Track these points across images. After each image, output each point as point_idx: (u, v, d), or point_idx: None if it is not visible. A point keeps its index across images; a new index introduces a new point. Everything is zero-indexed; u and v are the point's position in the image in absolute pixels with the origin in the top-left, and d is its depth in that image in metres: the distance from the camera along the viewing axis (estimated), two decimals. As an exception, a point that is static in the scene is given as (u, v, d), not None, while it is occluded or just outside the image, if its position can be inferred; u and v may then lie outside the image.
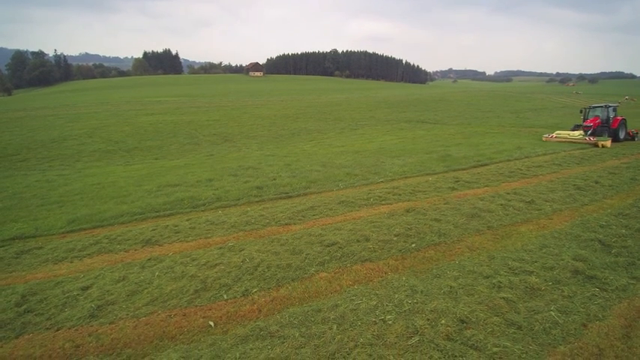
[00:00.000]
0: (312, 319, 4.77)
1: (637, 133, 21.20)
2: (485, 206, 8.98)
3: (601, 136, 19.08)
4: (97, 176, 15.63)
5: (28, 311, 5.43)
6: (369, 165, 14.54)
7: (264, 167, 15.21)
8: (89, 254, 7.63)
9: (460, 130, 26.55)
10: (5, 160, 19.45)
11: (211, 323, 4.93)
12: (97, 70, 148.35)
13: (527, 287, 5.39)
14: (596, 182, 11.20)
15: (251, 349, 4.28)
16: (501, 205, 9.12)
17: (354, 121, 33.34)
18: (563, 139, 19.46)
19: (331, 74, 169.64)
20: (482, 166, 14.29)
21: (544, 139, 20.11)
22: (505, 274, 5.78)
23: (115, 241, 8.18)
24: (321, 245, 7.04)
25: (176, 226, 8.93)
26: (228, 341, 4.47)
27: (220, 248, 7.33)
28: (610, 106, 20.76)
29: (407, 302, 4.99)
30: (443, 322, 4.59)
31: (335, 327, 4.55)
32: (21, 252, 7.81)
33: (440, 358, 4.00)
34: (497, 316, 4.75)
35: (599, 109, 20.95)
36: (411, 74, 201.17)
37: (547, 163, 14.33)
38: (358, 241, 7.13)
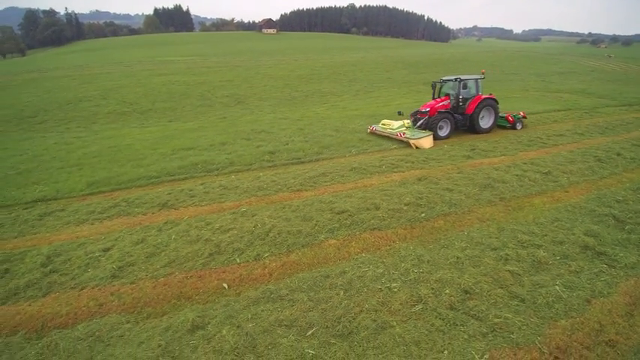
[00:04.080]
0: (321, 284, 4.97)
1: (522, 119, 14.69)
2: (500, 176, 8.85)
3: (433, 129, 12.92)
4: (114, 139, 15.91)
5: (53, 271, 5.81)
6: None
7: (277, 131, 15.15)
8: (109, 217, 7.97)
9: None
10: (24, 122, 19.89)
11: (225, 285, 5.21)
12: (109, 28, 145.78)
13: (534, 261, 5.42)
14: (618, 154, 10.79)
15: (262, 310, 4.54)
16: (516, 175, 8.95)
17: (370, 83, 32.38)
18: (382, 133, 13.67)
19: (347, 31, 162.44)
20: (499, 133, 13.89)
21: (368, 131, 14.35)
22: (513, 246, 5.81)
23: (132, 204, 8.49)
24: (331, 212, 7.15)
25: (191, 190, 9.16)
26: (240, 303, 4.74)
27: (233, 213, 7.54)
28: (464, 80, 13.66)
29: (413, 271, 5.13)
30: (447, 291, 4.72)
31: (342, 293, 4.75)
32: (44, 214, 8.21)
33: (441, 326, 4.17)
34: (502, 288, 4.84)
35: (451, 83, 14.23)
36: (433, 32, 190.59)
37: (569, 132, 13.79)
38: (368, 209, 7.21)
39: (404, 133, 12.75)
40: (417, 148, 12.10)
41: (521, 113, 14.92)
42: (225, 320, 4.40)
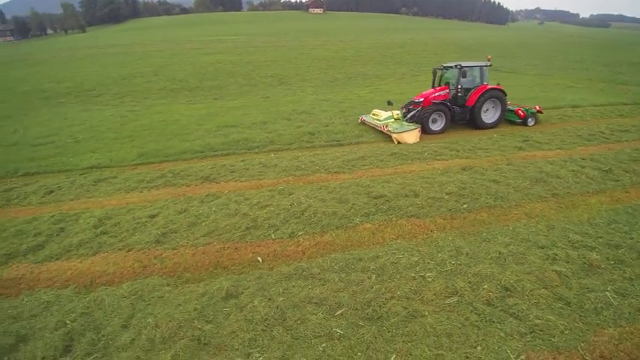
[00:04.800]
0: (353, 266, 4.95)
1: (536, 114, 12.88)
2: (554, 171, 8.21)
3: (424, 122, 11.58)
4: (163, 114, 16.67)
5: (103, 233, 6.27)
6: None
7: (317, 112, 15.08)
8: (156, 186, 8.43)
9: (539, 81, 23.63)
10: (83, 95, 21.35)
11: (259, 259, 5.34)
12: (162, 7, 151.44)
13: (585, 263, 5.01)
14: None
15: (293, 286, 4.61)
16: (573, 171, 8.25)
17: (418, 66, 31.04)
18: (371, 124, 12.53)
19: (397, 11, 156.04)
20: (557, 124, 12.84)
21: (359, 121, 13.27)
22: (563, 246, 5.40)
23: (178, 175, 8.90)
24: (368, 196, 7.05)
25: (232, 165, 9.42)
26: (273, 277, 4.85)
27: (271, 190, 7.67)
28: (465, 67, 11.94)
29: (450, 262, 4.94)
30: (485, 286, 4.51)
31: (374, 277, 4.69)
32: (98, 180, 8.84)
33: (476, 321, 4.00)
34: (546, 288, 4.54)
35: (451, 70, 12.55)
36: (490, 13, 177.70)
37: (634, 127, 12.43)
38: (407, 195, 7.01)
39: (386, 126, 11.54)
40: (398, 143, 10.90)
41: (537, 107, 12.98)
42: (257, 292, 4.53)
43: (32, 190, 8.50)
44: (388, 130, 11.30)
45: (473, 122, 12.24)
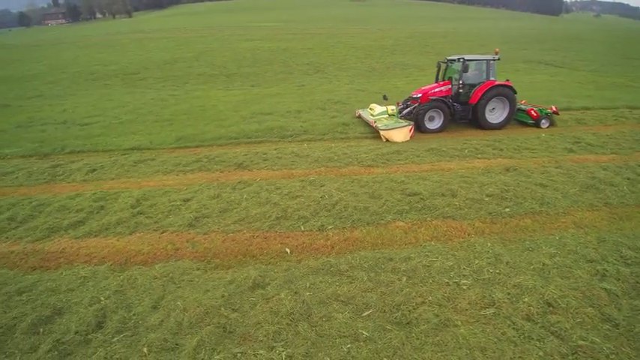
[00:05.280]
0: (383, 266, 4.77)
1: (550, 115, 11.57)
2: (608, 178, 7.51)
3: (419, 119, 10.89)
4: (201, 99, 17.03)
5: (140, 213, 6.47)
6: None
7: (353, 103, 14.78)
8: (191, 170, 8.60)
9: (593, 78, 21.81)
10: (127, 78, 22.25)
11: (287, 250, 5.29)
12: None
13: (637, 282, 4.52)
14: None
15: (320, 281, 4.52)
16: (628, 179, 7.51)
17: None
18: (364, 119, 11.91)
19: None
20: (612, 126, 11.78)
21: (356, 115, 12.75)
22: (614, 261, 4.91)
23: (212, 161, 9.04)
24: (401, 193, 6.79)
25: (265, 153, 9.43)
26: (300, 270, 4.78)
27: (302, 181, 7.59)
28: (468, 61, 10.94)
29: (488, 270, 4.64)
30: (526, 300, 4.19)
31: (405, 279, 4.50)
32: (138, 161, 9.15)
33: (514, 336, 3.72)
34: (593, 307, 4.14)
35: (455, 64, 11.53)
36: (542, 3, 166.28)
37: None
38: (443, 195, 6.68)
39: (376, 122, 10.87)
40: (386, 140, 10.25)
41: (553, 108, 11.59)
42: (284, 284, 4.48)
43: (77, 168, 8.95)
44: (376, 127, 10.63)
45: (476, 122, 11.21)
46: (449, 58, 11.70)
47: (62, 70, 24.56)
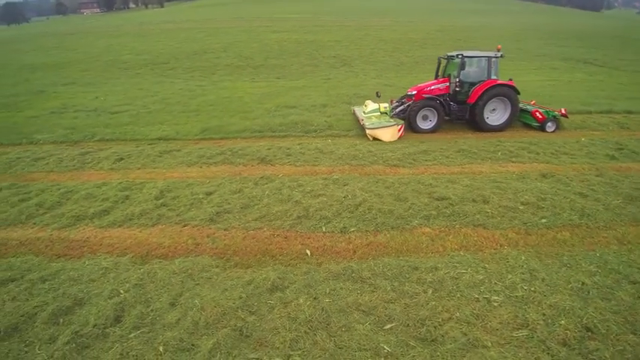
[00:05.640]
0: (407, 275, 4.53)
1: (558, 117, 10.72)
2: (658, 188, 6.90)
3: (411, 118, 10.48)
4: (228, 90, 17.07)
5: (163, 205, 6.48)
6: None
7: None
8: (215, 163, 8.58)
9: (636, 79, 20.35)
10: (158, 67, 22.61)
11: (308, 252, 5.13)
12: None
13: (692, 309, 4.08)
14: None
15: (341, 288, 4.33)
16: (682, 191, 6.88)
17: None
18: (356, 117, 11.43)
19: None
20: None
21: (352, 111, 12.22)
22: (664, 284, 4.46)
23: (236, 154, 8.98)
24: (429, 197, 6.47)
25: (288, 148, 9.29)
26: (320, 274, 4.61)
27: (325, 179, 7.39)
28: (467, 57, 10.33)
29: (522, 287, 4.31)
30: (562, 322, 3.85)
31: (430, 291, 4.24)
32: (163, 152, 9.22)
33: (551, 363, 3.42)
34: (635, 334, 3.75)
35: (455, 60, 10.84)
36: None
37: None
38: (474, 201, 6.32)
39: (363, 119, 10.45)
40: (373, 139, 9.85)
41: (562, 111, 10.65)
42: (303, 288, 4.32)
43: (105, 156, 9.12)
44: (363, 125, 10.23)
45: (473, 122, 10.60)
46: (449, 54, 11.06)
47: (96, 58, 25.28)
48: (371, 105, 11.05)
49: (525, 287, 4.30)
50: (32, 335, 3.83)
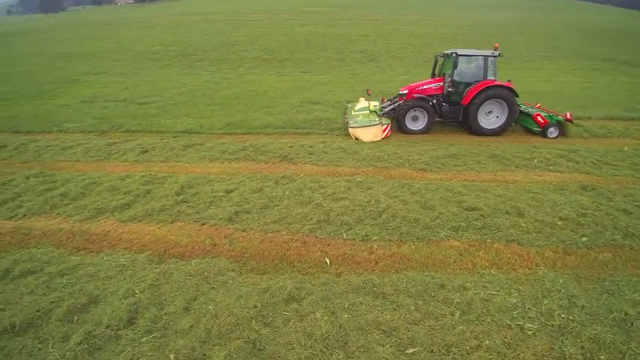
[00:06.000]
0: (433, 294, 4.23)
1: (561, 123, 10.02)
2: None
3: (399, 118, 10.12)
4: (253, 83, 17.00)
5: (183, 201, 6.41)
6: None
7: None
8: (237, 159, 8.48)
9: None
10: (186, 59, 22.83)
11: (327, 260, 4.91)
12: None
13: None
14: None
15: (361, 303, 4.09)
16: None
17: (529, 51, 26.96)
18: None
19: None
20: None
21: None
22: None
23: (258, 151, 8.85)
24: (458, 206, 6.10)
25: (311, 147, 9.07)
26: (339, 286, 4.38)
27: (348, 181, 7.13)
28: (461, 56, 9.79)
29: (559, 315, 3.93)
30: (602, 357, 3.47)
31: (458, 314, 3.93)
32: (187, 145, 9.21)
33: (595, 408, 3.06)
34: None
35: (448, 59, 10.25)
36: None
37: None
38: (507, 213, 5.90)
39: (347, 118, 10.13)
40: (356, 139, 9.50)
41: (567, 115, 9.93)
42: (320, 301, 4.11)
43: (130, 147, 9.20)
44: (347, 123, 9.91)
45: (467, 125, 10.06)
46: (445, 52, 10.39)
47: (127, 48, 25.85)
48: (361, 103, 10.71)
49: (563, 315, 3.92)
50: (46, 332, 3.81)
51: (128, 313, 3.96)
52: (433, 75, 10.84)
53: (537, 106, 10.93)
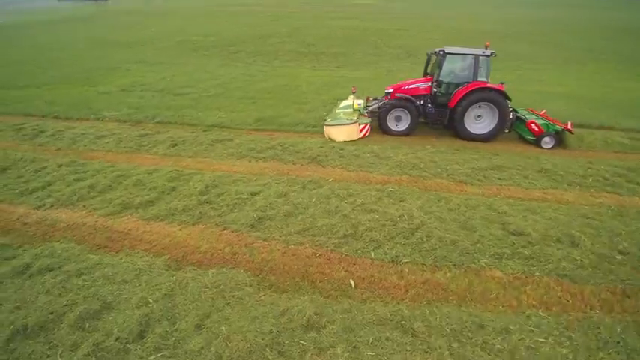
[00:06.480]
0: (470, 335, 3.72)
1: (559, 133, 9.07)
2: None
3: (381, 118, 9.61)
4: (287, 77, 16.69)
5: (206, 202, 6.21)
6: (592, 120, 10.52)
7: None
8: (264, 158, 8.20)
9: None
10: (224, 50, 22.88)
11: (352, 282, 4.51)
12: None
13: None
14: None
15: (387, 339, 3.66)
16: None
17: (589, 51, 24.85)
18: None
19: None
20: None
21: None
22: None
23: (286, 150, 8.53)
24: (502, 229, 5.47)
25: (342, 149, 8.63)
26: (364, 315, 3.97)
27: (379, 191, 6.65)
28: (449, 55, 9.12)
29: (624, 377, 3.31)
30: None
31: (500, 364, 3.41)
32: (216, 141, 9.05)
33: None
34: None
35: (434, 57, 9.65)
36: None
37: None
38: (559, 241, 5.21)
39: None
40: (329, 138, 9.15)
41: (567, 125, 9.00)
42: (342, 332, 3.72)
43: (161, 140, 9.17)
44: (324, 121, 9.58)
45: (453, 129, 9.40)
46: (437, 50, 9.53)
47: (168, 38, 26.34)
48: (346, 101, 10.33)
49: (628, 378, 3.30)
50: (57, 338, 3.69)
51: (139, 325, 3.77)
52: (425, 74, 10.21)
53: (542, 113, 9.98)
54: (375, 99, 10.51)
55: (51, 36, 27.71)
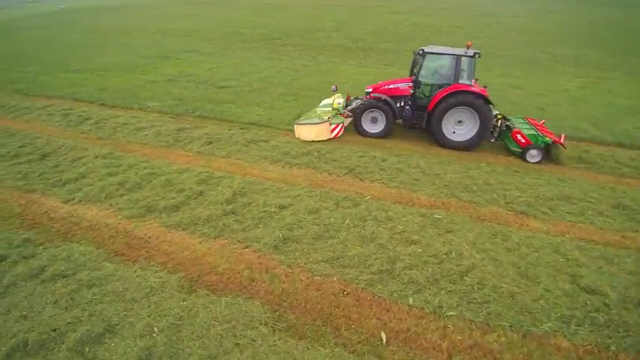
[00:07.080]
0: None
1: (550, 144, 7.92)
2: None
3: (356, 119, 9.13)
4: (331, 73, 16.02)
5: (231, 212, 5.77)
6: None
7: (504, 105, 11.72)
8: (298, 164, 7.65)
9: None
10: (271, 42, 22.60)
11: (383, 336, 3.82)
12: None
13: None
14: None
15: (421, 422, 2.96)
16: None
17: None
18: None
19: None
20: None
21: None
22: None
23: (322, 158, 7.91)
24: (572, 282, 4.49)
25: (383, 160, 7.86)
26: (395, 381, 3.29)
27: (423, 216, 5.85)
28: (428, 54, 8.43)
29: None
30: None
31: None
32: (251, 140, 8.65)
33: None
34: None
35: (417, 58, 8.80)
36: None
37: None
38: (647, 308, 4.17)
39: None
40: (298, 137, 8.91)
41: (559, 139, 7.95)
42: (366, 405, 3.07)
43: (197, 136, 8.93)
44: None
45: (432, 134, 8.73)
46: (422, 49, 8.68)
47: (217, 29, 26.59)
48: (326, 100, 9.93)
49: None
50: (53, 362, 3.39)
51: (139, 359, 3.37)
52: (412, 74, 9.41)
53: (541, 123, 8.75)
54: (357, 98, 9.92)
55: (116, 20, 29.06)
